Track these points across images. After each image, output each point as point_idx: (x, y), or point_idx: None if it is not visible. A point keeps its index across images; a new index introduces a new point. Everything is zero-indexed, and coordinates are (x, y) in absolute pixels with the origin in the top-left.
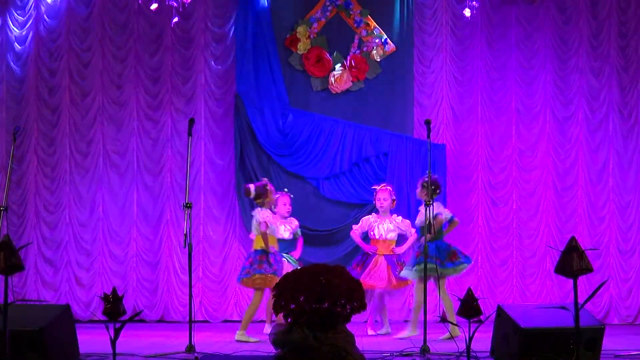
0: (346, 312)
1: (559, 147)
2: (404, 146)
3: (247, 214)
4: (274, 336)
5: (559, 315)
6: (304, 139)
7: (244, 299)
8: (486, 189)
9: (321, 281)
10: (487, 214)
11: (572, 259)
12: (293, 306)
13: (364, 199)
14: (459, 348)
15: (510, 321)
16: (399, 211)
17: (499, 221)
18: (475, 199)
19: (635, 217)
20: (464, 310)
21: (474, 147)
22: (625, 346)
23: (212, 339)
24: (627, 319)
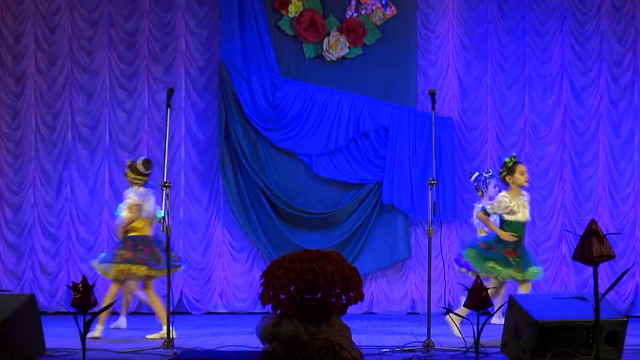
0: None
1: (577, 119)
2: (406, 120)
3: (232, 193)
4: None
5: (577, 306)
6: (295, 111)
7: (230, 288)
8: (496, 166)
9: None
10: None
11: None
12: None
13: (362, 178)
14: (466, 343)
15: (523, 313)
16: (400, 195)
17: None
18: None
19: None
20: (472, 301)
21: (483, 120)
22: None
23: (193, 332)
24: None
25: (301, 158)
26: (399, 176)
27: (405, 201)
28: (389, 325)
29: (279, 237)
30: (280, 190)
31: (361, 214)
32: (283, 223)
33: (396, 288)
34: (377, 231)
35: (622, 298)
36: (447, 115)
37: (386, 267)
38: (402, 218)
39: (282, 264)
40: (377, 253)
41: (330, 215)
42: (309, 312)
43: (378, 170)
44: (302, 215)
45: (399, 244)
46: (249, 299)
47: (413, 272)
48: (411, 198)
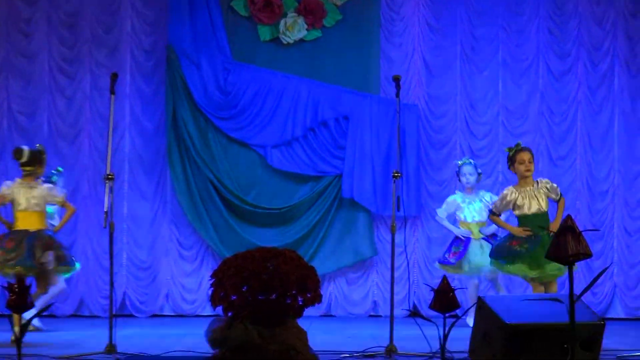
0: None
1: (553, 107)
2: (368, 107)
3: (180, 186)
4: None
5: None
6: (248, 98)
7: (178, 289)
8: (465, 154)
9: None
10: None
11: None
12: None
13: (320, 171)
14: (431, 347)
15: (492, 315)
16: (361, 188)
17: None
18: (452, 169)
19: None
20: (438, 302)
21: (452, 108)
22: (631, 345)
23: (137, 336)
24: (635, 312)
25: (255, 149)
26: (360, 168)
27: (367, 195)
28: (349, 329)
29: (231, 233)
30: (232, 184)
31: (319, 209)
32: (235, 219)
33: (356, 289)
34: (336, 227)
35: (599, 300)
36: (412, 103)
37: (346, 266)
38: (363, 213)
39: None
40: (336, 251)
41: (286, 211)
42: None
43: (337, 161)
44: (255, 211)
45: (360, 241)
46: (198, 301)
47: (375, 272)
48: (373, 192)
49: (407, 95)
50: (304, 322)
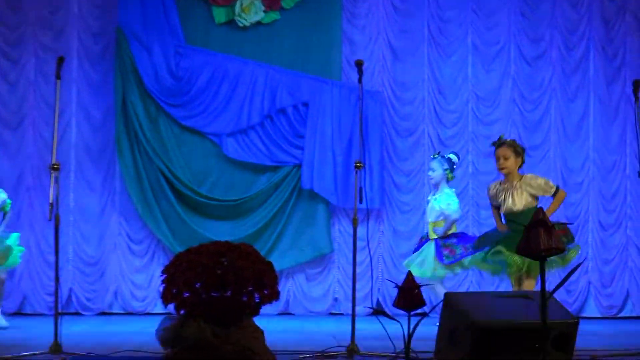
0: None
1: (526, 94)
2: (328, 94)
3: (130, 177)
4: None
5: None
6: (202, 84)
7: (127, 285)
8: (434, 146)
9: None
10: None
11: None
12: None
13: (278, 160)
14: (395, 347)
15: (460, 313)
16: (321, 179)
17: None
18: (420, 159)
19: (621, 182)
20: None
21: (419, 95)
22: (606, 344)
23: (84, 335)
24: (610, 310)
25: (209, 137)
26: (320, 158)
27: (327, 186)
28: (308, 328)
29: (183, 227)
30: (184, 174)
31: (277, 201)
32: (188, 211)
33: (316, 285)
34: (295, 221)
35: (573, 297)
36: (376, 89)
37: (305, 261)
38: (323, 206)
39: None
40: (294, 246)
41: (242, 203)
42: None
43: (296, 151)
44: (209, 203)
45: (320, 236)
46: (149, 298)
47: (336, 268)
48: (334, 183)
49: (370, 81)
50: (261, 321)
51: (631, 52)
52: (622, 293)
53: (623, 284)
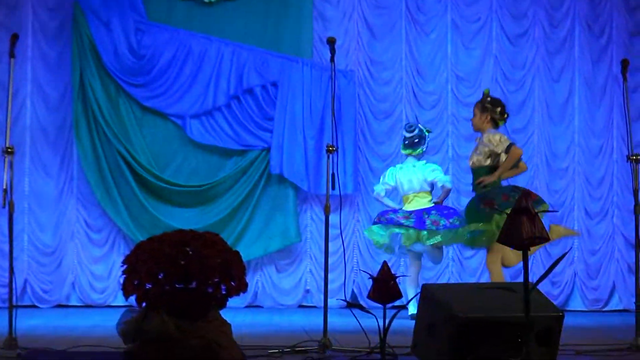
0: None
1: (508, 74)
2: (299, 73)
3: (88, 161)
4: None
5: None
6: (165, 63)
7: (86, 276)
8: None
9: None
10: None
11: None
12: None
13: (245, 144)
14: (370, 342)
15: (438, 306)
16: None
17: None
18: (397, 142)
19: (608, 168)
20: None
21: (397, 75)
22: (591, 339)
23: (41, 329)
24: (595, 304)
25: (172, 119)
26: (290, 141)
27: (298, 171)
28: (278, 321)
29: (145, 214)
30: (146, 159)
31: (244, 187)
32: (150, 198)
33: (287, 276)
34: (264, 208)
35: (558, 289)
36: (350, 68)
37: (274, 251)
38: (293, 192)
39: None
40: (263, 234)
41: (207, 189)
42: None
43: (265, 134)
44: (172, 189)
45: (290, 224)
46: (109, 290)
47: (308, 258)
48: (305, 168)
49: (344, 59)
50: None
51: (618, 30)
52: (608, 286)
53: (609, 276)
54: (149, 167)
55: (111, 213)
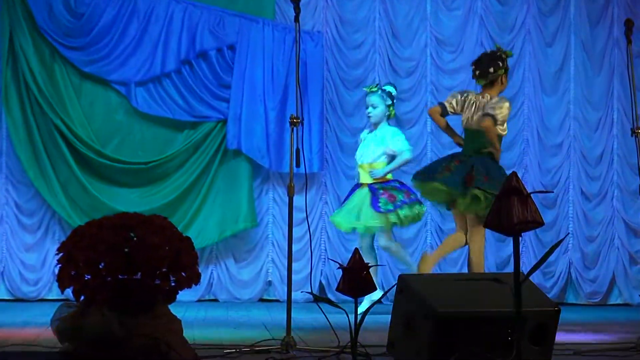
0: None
1: (496, 37)
2: (259, 35)
3: (19, 135)
4: (59, 322)
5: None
6: (106, 22)
7: (16, 266)
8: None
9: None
10: None
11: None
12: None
13: (198, 115)
14: (340, 340)
15: (417, 300)
16: (250, 138)
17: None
18: None
19: (607, 143)
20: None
21: (369, 37)
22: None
23: None
24: (593, 297)
25: (115, 87)
26: (250, 112)
27: (258, 147)
28: (235, 317)
29: (84, 196)
30: (85, 132)
31: (197, 164)
32: (90, 177)
33: (245, 266)
34: (219, 188)
35: (550, 281)
36: (317, 29)
37: (231, 237)
38: (253, 170)
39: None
40: (218, 218)
41: (154, 167)
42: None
43: (220, 104)
44: (115, 166)
45: (248, 206)
46: (42, 281)
47: (269, 245)
48: (266, 142)
49: (310, 19)
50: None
51: None
52: (607, 277)
53: (608, 267)
54: (89, 142)
55: (45, 194)
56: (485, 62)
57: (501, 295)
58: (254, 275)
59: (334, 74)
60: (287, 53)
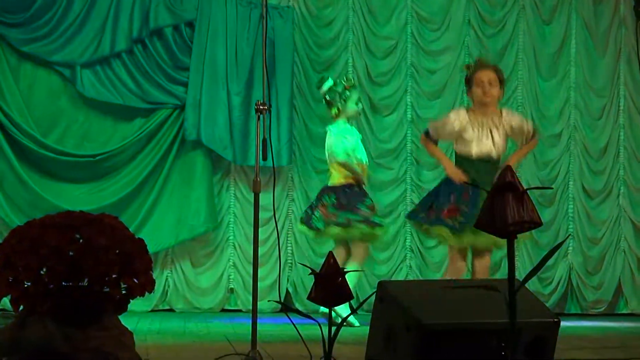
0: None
1: (485, 13)
2: (221, 11)
3: None
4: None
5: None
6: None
7: None
8: (360, 80)
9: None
10: (363, 123)
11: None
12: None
13: (153, 101)
14: (311, 355)
15: (399, 309)
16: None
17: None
18: None
19: (613, 134)
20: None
21: (342, 13)
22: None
23: None
24: (597, 306)
25: (57, 69)
26: (211, 98)
27: (220, 137)
28: (194, 329)
29: (23, 192)
30: (24, 120)
31: (151, 157)
32: (29, 170)
33: (205, 272)
34: (175, 184)
35: (548, 288)
36: (285, 4)
37: (188, 239)
38: (211, 163)
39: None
40: (174, 218)
41: (103, 159)
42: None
43: (178, 88)
44: (59, 159)
45: (209, 205)
46: None
47: (231, 247)
48: (229, 132)
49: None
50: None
51: None
52: (613, 283)
53: (614, 272)
54: (28, 130)
55: None
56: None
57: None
58: (214, 282)
59: (303, 55)
60: (252, 31)
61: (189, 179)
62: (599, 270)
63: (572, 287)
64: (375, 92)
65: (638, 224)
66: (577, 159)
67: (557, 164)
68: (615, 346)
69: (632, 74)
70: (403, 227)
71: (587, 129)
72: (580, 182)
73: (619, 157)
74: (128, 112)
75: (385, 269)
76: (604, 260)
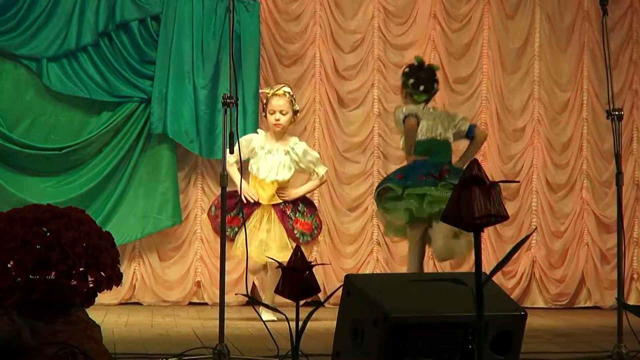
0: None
1: (450, 8)
2: (187, 4)
3: None
4: None
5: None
6: None
7: None
8: (327, 74)
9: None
10: (330, 117)
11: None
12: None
13: (119, 95)
14: (279, 349)
15: (367, 304)
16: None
17: (352, 131)
18: (310, 93)
19: (576, 128)
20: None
21: (309, 7)
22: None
23: None
24: (559, 299)
25: (23, 63)
26: (177, 92)
27: (186, 130)
28: (161, 322)
29: None
30: None
31: (117, 150)
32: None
33: (172, 265)
34: (141, 177)
35: (512, 281)
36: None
37: (155, 232)
38: (178, 156)
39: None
40: (140, 211)
41: (69, 152)
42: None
43: (144, 82)
44: (25, 152)
45: (174, 199)
46: None
47: (198, 241)
48: (195, 126)
49: None
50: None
51: None
52: (576, 276)
53: (577, 265)
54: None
55: None
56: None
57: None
58: (181, 276)
59: (270, 49)
60: (219, 25)
61: (155, 173)
62: (562, 263)
63: (535, 280)
64: (342, 86)
65: (601, 217)
66: (541, 153)
67: (521, 157)
68: (581, 341)
69: (596, 68)
70: (370, 221)
71: (550, 122)
72: (544, 176)
73: (582, 151)
74: (94, 106)
75: (352, 262)
76: (567, 254)
